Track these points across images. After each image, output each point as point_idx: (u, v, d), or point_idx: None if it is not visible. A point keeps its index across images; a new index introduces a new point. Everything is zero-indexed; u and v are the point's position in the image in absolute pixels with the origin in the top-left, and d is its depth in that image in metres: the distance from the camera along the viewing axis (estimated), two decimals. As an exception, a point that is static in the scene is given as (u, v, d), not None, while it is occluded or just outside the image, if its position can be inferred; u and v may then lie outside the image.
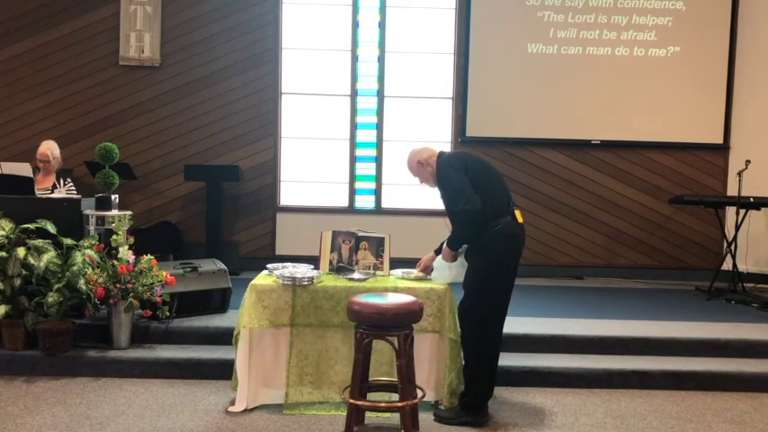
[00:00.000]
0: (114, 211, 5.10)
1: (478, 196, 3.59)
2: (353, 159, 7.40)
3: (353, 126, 7.39)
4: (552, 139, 7.30)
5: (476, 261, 3.72)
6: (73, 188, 5.68)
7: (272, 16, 7.26)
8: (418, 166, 3.88)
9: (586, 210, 7.36)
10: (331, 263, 4.19)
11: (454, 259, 3.82)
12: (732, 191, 6.77)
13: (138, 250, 4.69)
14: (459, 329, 3.80)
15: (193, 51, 7.23)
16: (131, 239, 4.76)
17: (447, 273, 3.87)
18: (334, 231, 4.22)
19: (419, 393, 3.47)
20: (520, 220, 3.74)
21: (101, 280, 4.40)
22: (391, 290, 3.84)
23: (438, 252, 3.96)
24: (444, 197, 3.77)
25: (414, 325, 3.39)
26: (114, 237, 4.63)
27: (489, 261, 3.66)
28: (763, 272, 7.03)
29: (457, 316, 3.81)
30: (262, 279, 3.99)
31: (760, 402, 4.18)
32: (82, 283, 4.36)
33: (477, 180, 3.67)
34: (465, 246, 3.79)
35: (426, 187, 3.97)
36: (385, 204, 7.41)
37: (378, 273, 4.12)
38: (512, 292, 3.79)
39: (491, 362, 3.77)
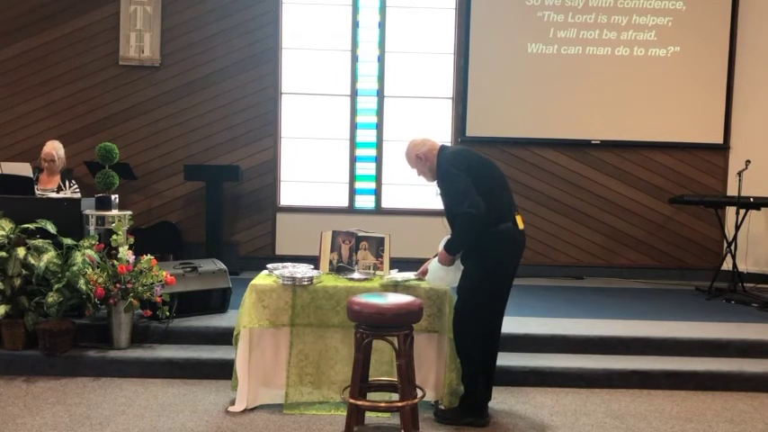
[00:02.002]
0: (114, 211, 5.10)
1: (481, 198, 3.49)
2: (353, 159, 7.40)
3: (353, 126, 7.39)
4: (552, 139, 7.30)
5: (473, 266, 3.63)
6: (77, 190, 5.69)
7: (272, 16, 7.26)
8: (417, 159, 3.73)
9: (586, 210, 7.36)
10: (331, 263, 4.19)
11: (451, 263, 3.69)
12: (732, 191, 6.77)
13: (138, 250, 4.69)
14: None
15: (193, 51, 7.23)
16: (131, 239, 4.76)
17: (443, 275, 3.74)
18: (334, 231, 4.22)
19: (419, 393, 3.47)
20: (521, 225, 3.66)
21: (101, 280, 4.40)
22: (391, 290, 3.84)
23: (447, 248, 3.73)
24: (444, 198, 3.64)
25: (414, 325, 3.39)
26: (114, 237, 4.63)
27: (487, 267, 3.59)
28: (763, 272, 7.03)
29: (452, 319, 3.73)
30: (262, 279, 3.99)
31: (760, 402, 4.18)
32: (82, 283, 4.36)
33: (480, 181, 3.55)
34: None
35: (423, 180, 3.80)
36: (385, 204, 7.41)
37: (378, 273, 4.11)
38: (509, 294, 3.75)
39: (489, 364, 3.73)
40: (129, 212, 5.21)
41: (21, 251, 4.38)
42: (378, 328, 3.26)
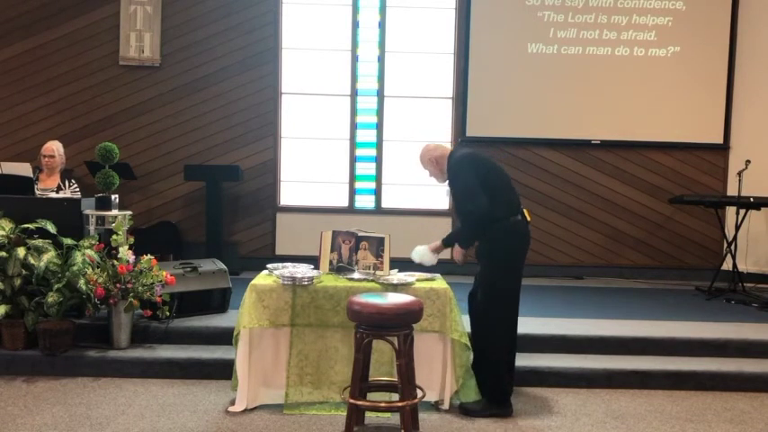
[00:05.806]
0: (114, 211, 5.10)
1: (487, 196, 3.70)
2: (353, 159, 7.39)
3: (353, 126, 7.39)
4: (552, 139, 7.30)
5: (491, 260, 3.83)
6: (77, 190, 5.69)
7: (272, 16, 7.26)
8: (430, 162, 4.03)
9: (586, 210, 7.36)
10: (331, 263, 4.19)
11: (465, 258, 3.99)
12: (732, 191, 6.77)
13: (138, 250, 4.69)
14: (469, 329, 3.93)
15: (193, 51, 7.23)
16: (131, 239, 4.75)
17: (430, 257, 3.98)
18: (334, 231, 4.22)
19: (419, 393, 3.47)
20: (528, 218, 3.91)
21: (101, 280, 4.40)
22: (391, 290, 3.84)
23: (446, 243, 4.00)
24: (454, 195, 3.93)
25: (414, 325, 3.39)
26: (114, 237, 4.63)
27: (504, 258, 3.81)
28: (763, 272, 7.03)
29: (475, 317, 3.92)
30: (262, 279, 3.99)
31: (760, 402, 4.18)
32: (82, 283, 4.36)
33: (488, 179, 3.78)
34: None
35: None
36: (385, 204, 7.41)
37: (378, 273, 4.11)
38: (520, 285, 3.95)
39: (511, 355, 3.93)
40: (129, 212, 5.21)
41: (21, 251, 4.38)
42: (378, 328, 3.26)
